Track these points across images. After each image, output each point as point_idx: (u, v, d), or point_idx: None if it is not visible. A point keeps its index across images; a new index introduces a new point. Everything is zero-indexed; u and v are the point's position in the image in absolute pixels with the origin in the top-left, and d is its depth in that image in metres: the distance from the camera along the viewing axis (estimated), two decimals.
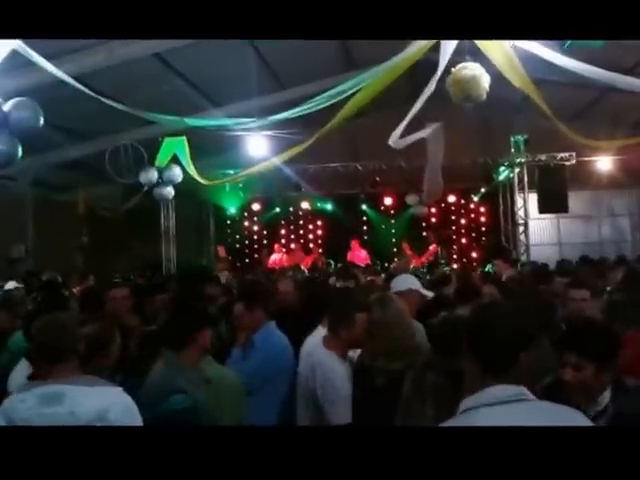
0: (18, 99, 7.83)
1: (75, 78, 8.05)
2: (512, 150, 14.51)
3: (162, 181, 13.25)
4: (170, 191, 13.54)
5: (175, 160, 13.04)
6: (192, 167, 12.96)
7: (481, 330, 2.17)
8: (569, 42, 7.55)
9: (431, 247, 15.93)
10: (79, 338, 3.00)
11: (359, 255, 15.60)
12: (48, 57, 6.92)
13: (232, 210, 18.24)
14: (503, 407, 2.00)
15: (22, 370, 4.33)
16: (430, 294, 5.32)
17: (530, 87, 8.57)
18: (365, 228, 18.02)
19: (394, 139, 10.57)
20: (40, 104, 8.01)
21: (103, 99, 8.82)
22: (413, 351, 3.64)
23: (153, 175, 12.95)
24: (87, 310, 5.13)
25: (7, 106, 7.75)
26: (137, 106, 9.50)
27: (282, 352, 4.34)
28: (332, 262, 15.06)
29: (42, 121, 8.02)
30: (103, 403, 2.76)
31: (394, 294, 4.49)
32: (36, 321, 3.09)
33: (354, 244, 16.05)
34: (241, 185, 15.68)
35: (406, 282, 5.18)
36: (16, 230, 13.68)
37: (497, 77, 8.16)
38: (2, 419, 2.78)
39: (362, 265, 12.63)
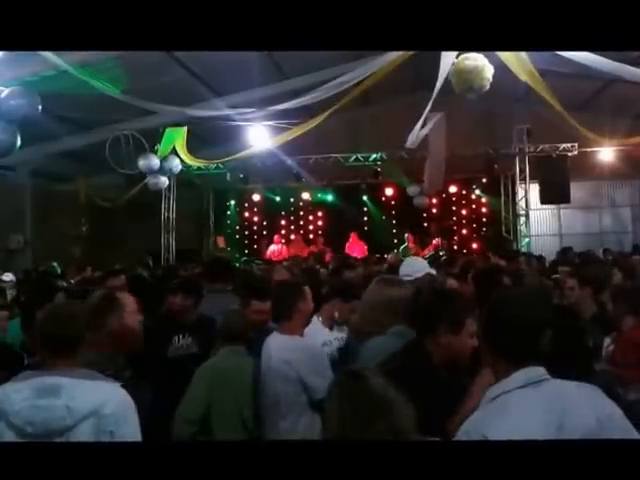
0: (14, 87, 7.78)
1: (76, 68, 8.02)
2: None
3: (160, 170, 13.20)
4: (165, 181, 13.46)
5: (175, 150, 13.00)
6: (183, 150, 12.89)
7: (501, 320, 2.23)
8: None
9: (434, 241, 15.90)
10: (85, 329, 2.90)
11: (355, 248, 15.59)
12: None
13: (232, 201, 18.22)
14: (530, 388, 2.08)
15: None
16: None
17: (536, 80, 8.52)
18: (365, 219, 17.95)
19: (411, 141, 10.53)
20: (40, 94, 7.96)
21: (104, 89, 8.79)
22: None
23: (154, 162, 12.88)
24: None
25: (2, 94, 7.68)
26: (139, 96, 9.45)
27: None
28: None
29: (40, 109, 7.96)
30: (99, 397, 2.69)
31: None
32: (44, 309, 3.01)
33: (353, 237, 16.02)
34: (241, 176, 15.61)
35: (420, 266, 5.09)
36: (15, 220, 13.63)
37: (500, 67, 8.10)
38: None
39: (358, 257, 12.62)
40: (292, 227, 18.49)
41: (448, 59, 7.97)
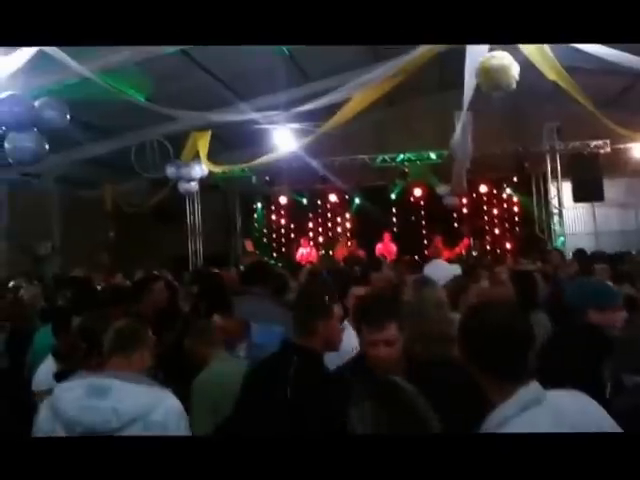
0: (46, 98, 7.87)
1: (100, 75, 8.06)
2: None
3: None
4: (195, 186, 13.51)
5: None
6: (204, 156, 12.93)
7: (492, 336, 2.02)
8: None
9: (465, 240, 15.70)
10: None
11: (388, 248, 15.37)
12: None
13: (258, 203, 18.18)
14: (534, 408, 1.93)
15: (47, 368, 4.25)
16: None
17: (564, 77, 8.33)
18: (394, 220, 17.72)
19: (456, 141, 10.40)
20: (66, 101, 8.02)
21: (128, 96, 8.82)
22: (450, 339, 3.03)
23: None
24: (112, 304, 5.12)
25: (36, 104, 7.77)
26: (163, 102, 9.46)
27: None
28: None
29: (68, 119, 8.05)
30: (147, 403, 2.67)
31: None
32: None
33: (386, 237, 15.78)
34: (267, 178, 15.57)
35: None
36: (42, 227, 13.75)
37: (527, 64, 7.92)
38: (48, 407, 2.73)
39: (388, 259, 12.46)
40: (320, 229, 18.38)
41: (473, 62, 7.82)
